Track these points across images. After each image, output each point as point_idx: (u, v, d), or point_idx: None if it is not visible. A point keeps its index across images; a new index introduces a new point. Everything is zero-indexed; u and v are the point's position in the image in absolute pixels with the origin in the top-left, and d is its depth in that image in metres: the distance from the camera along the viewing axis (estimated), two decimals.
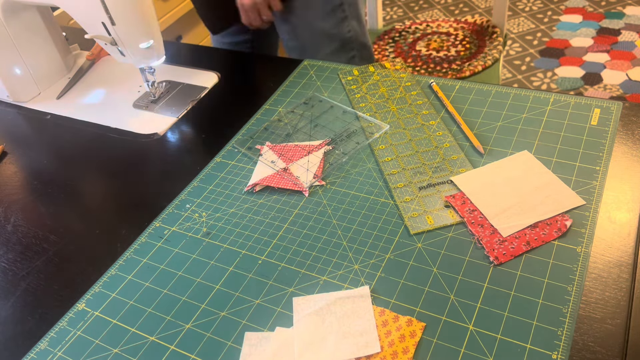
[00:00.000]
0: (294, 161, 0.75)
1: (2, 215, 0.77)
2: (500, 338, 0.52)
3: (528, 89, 0.81)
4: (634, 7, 2.57)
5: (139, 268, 0.65)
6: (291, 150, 0.77)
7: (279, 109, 0.87)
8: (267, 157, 0.77)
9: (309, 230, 0.66)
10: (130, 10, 0.78)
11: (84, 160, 0.85)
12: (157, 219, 0.71)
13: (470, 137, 0.74)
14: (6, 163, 0.87)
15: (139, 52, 0.84)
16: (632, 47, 2.32)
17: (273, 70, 0.98)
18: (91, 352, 0.57)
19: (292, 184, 0.72)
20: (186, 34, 2.09)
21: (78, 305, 0.62)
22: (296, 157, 0.76)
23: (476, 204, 0.65)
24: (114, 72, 1.05)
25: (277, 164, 0.75)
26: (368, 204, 0.68)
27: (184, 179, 0.77)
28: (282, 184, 0.72)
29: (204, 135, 0.85)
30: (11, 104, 1.01)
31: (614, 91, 2.12)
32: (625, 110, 0.75)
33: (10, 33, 0.94)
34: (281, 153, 0.77)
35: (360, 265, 0.61)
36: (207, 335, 0.57)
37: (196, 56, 1.10)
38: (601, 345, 0.51)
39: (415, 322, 0.55)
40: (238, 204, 0.71)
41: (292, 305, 0.58)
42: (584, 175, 0.66)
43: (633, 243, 0.59)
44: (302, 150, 0.77)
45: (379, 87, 0.88)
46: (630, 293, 0.54)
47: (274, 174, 0.74)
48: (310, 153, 0.76)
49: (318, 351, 0.54)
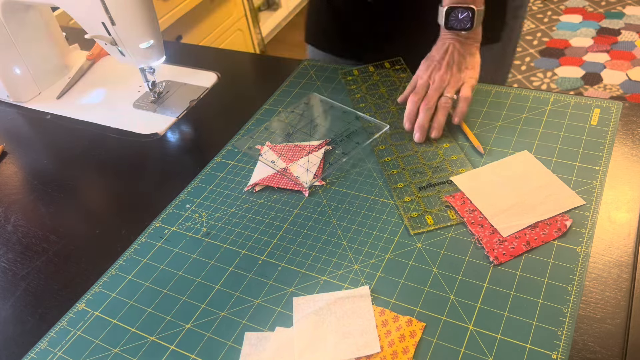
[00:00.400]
0: (294, 161, 0.75)
1: (2, 215, 0.77)
2: (500, 338, 0.52)
3: (528, 89, 0.81)
4: (634, 7, 2.57)
5: (139, 268, 0.65)
6: (291, 150, 0.77)
7: (279, 109, 0.87)
8: (267, 157, 0.77)
9: (309, 230, 0.66)
10: (130, 10, 0.78)
11: (84, 160, 0.85)
12: (157, 219, 0.71)
13: (470, 137, 0.74)
14: (6, 163, 0.87)
15: (139, 52, 0.84)
16: (632, 47, 2.32)
17: (273, 70, 0.98)
18: (91, 352, 0.57)
19: (293, 183, 0.72)
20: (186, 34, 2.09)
21: (78, 305, 0.62)
22: (296, 157, 0.76)
23: (476, 203, 0.65)
24: (114, 72, 1.05)
25: (277, 163, 0.75)
26: (368, 204, 0.68)
27: (184, 179, 0.77)
28: (282, 184, 0.72)
29: (204, 135, 0.85)
30: (11, 104, 1.01)
31: (614, 91, 2.12)
32: (625, 110, 0.75)
33: (10, 33, 0.94)
34: (281, 153, 0.77)
35: (360, 265, 0.61)
36: (207, 335, 0.57)
37: (196, 56, 1.10)
38: (601, 345, 0.51)
39: (415, 322, 0.55)
40: (238, 204, 0.71)
41: (292, 305, 0.58)
42: (584, 175, 0.66)
43: (633, 243, 0.59)
44: (302, 150, 0.77)
45: (379, 87, 0.88)
46: (630, 293, 0.54)
47: (274, 174, 0.74)
48: (310, 153, 0.76)
49: (318, 351, 0.54)
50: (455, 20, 0.77)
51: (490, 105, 0.79)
